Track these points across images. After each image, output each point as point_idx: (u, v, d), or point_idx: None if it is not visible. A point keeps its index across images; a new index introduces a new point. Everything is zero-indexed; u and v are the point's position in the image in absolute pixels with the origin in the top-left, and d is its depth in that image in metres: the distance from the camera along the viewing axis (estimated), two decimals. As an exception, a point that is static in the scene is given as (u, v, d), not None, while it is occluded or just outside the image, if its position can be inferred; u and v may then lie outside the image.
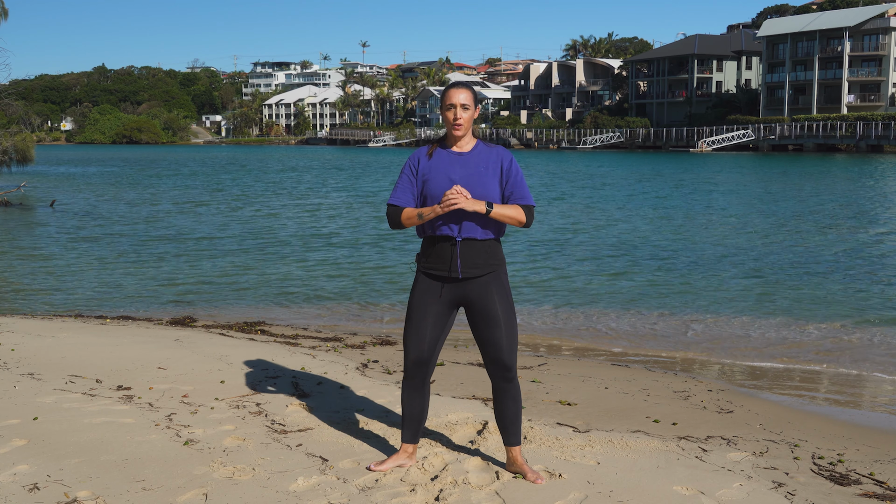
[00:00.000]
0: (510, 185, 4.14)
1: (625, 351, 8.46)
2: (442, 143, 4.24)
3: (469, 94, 4.13)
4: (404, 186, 4.17)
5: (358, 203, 29.17)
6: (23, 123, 38.49)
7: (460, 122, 4.10)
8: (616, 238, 18.28)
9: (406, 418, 4.32)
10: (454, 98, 4.09)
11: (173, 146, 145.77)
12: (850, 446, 5.18)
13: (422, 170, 4.16)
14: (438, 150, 4.20)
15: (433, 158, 4.17)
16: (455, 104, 4.09)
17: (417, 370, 4.22)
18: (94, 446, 4.61)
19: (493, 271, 4.15)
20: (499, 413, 4.27)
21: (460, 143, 4.19)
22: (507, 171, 4.15)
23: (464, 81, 4.22)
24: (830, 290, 11.80)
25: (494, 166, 4.14)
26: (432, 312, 4.19)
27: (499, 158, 4.17)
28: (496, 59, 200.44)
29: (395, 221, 4.17)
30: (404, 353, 4.24)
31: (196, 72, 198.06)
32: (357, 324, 9.76)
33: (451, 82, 4.24)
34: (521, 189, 4.15)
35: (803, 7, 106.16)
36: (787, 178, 40.50)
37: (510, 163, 4.17)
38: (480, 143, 4.23)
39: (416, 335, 4.18)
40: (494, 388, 4.24)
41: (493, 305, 4.14)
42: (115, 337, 7.93)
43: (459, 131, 4.12)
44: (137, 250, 16.71)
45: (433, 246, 4.16)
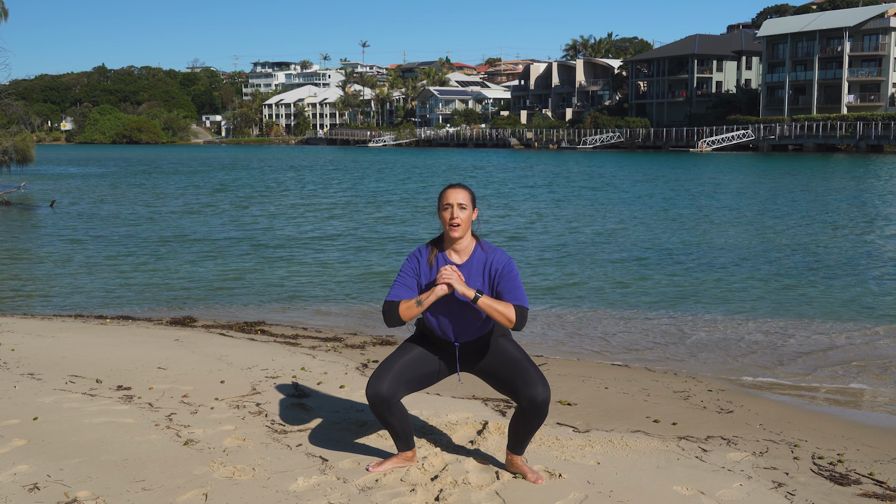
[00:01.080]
0: (503, 285, 4.05)
1: (625, 352, 8.46)
2: (440, 246, 4.18)
3: (467, 194, 4.08)
4: (403, 284, 4.11)
5: (360, 204, 29.16)
6: (23, 123, 38.46)
7: (457, 222, 4.04)
8: (622, 239, 18.28)
9: (392, 434, 4.29)
10: (451, 198, 4.05)
11: (173, 146, 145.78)
12: (850, 446, 5.18)
13: (422, 278, 4.14)
14: (438, 259, 4.14)
15: (434, 270, 4.12)
16: (452, 203, 4.04)
17: (374, 402, 4.08)
18: (94, 446, 4.60)
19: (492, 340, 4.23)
20: (517, 428, 4.17)
21: (458, 248, 4.13)
22: (500, 273, 4.07)
23: (461, 183, 4.18)
24: (834, 291, 11.80)
25: (489, 273, 4.09)
26: (418, 355, 4.20)
27: (495, 264, 4.10)
28: (496, 59, 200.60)
29: (393, 316, 4.06)
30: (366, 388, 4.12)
31: (196, 72, 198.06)
32: (357, 324, 9.76)
33: (449, 183, 4.19)
34: (515, 290, 4.05)
35: (803, 7, 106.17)
36: (793, 178, 40.49)
37: (504, 265, 4.08)
38: (478, 249, 4.15)
39: (382, 370, 4.13)
40: (524, 412, 4.06)
41: (503, 350, 4.16)
42: (115, 337, 7.93)
43: (456, 232, 4.05)
44: (137, 250, 16.70)
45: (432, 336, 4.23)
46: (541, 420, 4.07)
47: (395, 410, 4.13)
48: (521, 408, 4.07)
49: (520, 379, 4.03)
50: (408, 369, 4.15)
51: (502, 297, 4.05)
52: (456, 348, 4.17)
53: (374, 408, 4.10)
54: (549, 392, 4.00)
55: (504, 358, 4.14)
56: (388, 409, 4.10)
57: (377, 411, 4.12)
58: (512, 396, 4.10)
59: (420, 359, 4.21)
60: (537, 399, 3.98)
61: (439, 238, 4.21)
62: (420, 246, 4.25)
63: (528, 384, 4.00)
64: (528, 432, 4.16)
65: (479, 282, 4.09)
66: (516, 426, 4.16)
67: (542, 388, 3.98)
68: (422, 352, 4.23)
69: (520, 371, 4.06)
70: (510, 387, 4.08)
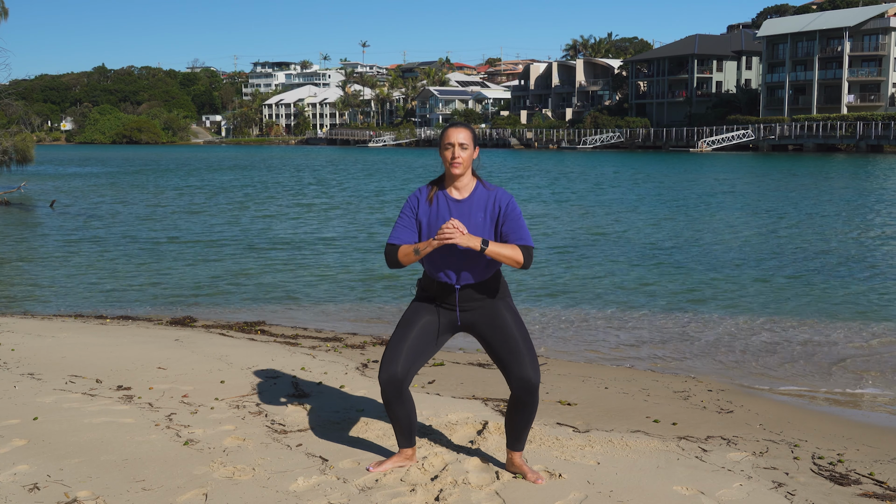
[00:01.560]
0: (507, 226, 4.08)
1: (625, 352, 8.46)
2: (441, 185, 4.20)
3: (468, 133, 4.09)
4: (404, 225, 4.14)
5: (361, 204, 29.16)
6: (23, 123, 38.46)
7: (459, 161, 4.06)
8: (622, 239, 18.28)
9: (395, 427, 4.29)
10: (452, 137, 4.06)
11: (173, 146, 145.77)
12: (850, 446, 5.18)
13: (421, 215, 4.14)
14: (438, 196, 4.16)
15: (433, 206, 4.14)
16: (454, 143, 4.06)
17: (389, 387, 4.11)
18: (94, 446, 4.60)
19: (494, 298, 4.19)
20: (512, 421, 4.21)
21: (459, 185, 4.14)
22: (504, 213, 4.09)
23: (462, 122, 4.19)
24: (835, 290, 11.80)
25: (492, 213, 4.10)
26: (420, 329, 4.17)
27: (497, 202, 4.11)
28: (496, 59, 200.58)
29: (392, 259, 4.12)
30: (379, 369, 4.16)
31: (196, 72, 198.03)
32: (357, 324, 9.76)
33: (450, 122, 4.21)
34: (520, 230, 4.08)
35: (803, 7, 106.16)
36: (794, 178, 40.49)
37: (507, 205, 4.10)
38: (480, 186, 4.17)
39: (392, 352, 4.13)
40: (514, 399, 4.13)
41: (504, 321, 4.13)
42: (115, 337, 7.93)
43: (457, 169, 4.07)
44: (137, 250, 16.70)
45: (432, 284, 4.19)
46: (532, 407, 4.10)
47: (406, 398, 4.16)
48: (512, 395, 4.12)
49: (512, 357, 4.07)
50: (414, 346, 4.15)
51: (507, 238, 4.07)
52: (456, 291, 4.13)
53: (387, 393, 4.11)
54: (538, 376, 4.05)
55: (501, 329, 4.13)
56: (400, 394, 4.12)
57: (389, 398, 4.13)
58: (502, 372, 4.14)
59: (422, 331, 4.18)
60: (525, 380, 4.03)
61: (440, 177, 4.23)
62: (420, 186, 4.27)
63: (519, 364, 4.04)
64: (524, 423, 4.18)
65: (480, 217, 4.09)
66: (511, 418, 4.20)
67: (532, 371, 4.04)
68: (423, 322, 4.19)
69: (513, 349, 4.07)
70: (502, 362, 4.11)
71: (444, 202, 4.13)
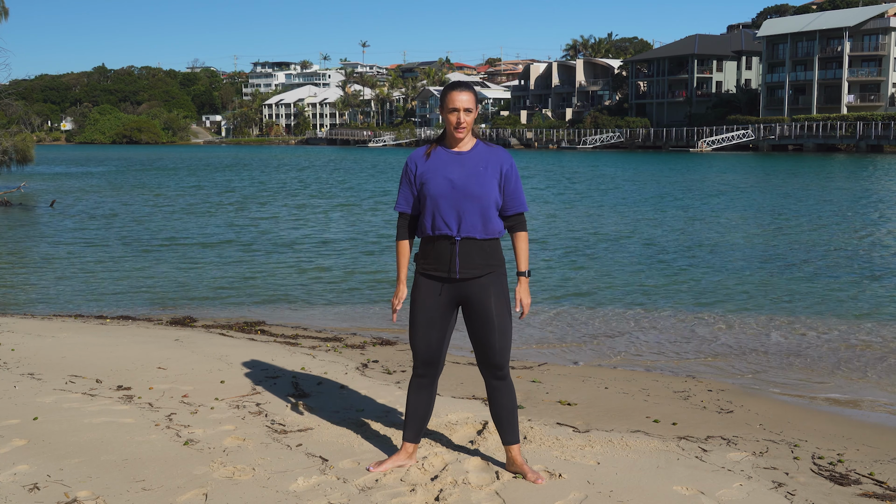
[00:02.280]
0: (509, 191, 4.15)
1: (625, 351, 8.46)
2: (441, 143, 4.22)
3: (471, 95, 4.11)
4: (403, 192, 4.22)
5: (360, 204, 29.16)
6: (23, 123, 38.49)
7: (464, 126, 4.08)
8: (623, 239, 18.28)
9: (410, 417, 4.31)
10: (457, 101, 4.06)
11: (173, 146, 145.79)
12: (850, 446, 5.18)
13: (420, 172, 4.16)
14: (437, 150, 4.19)
15: (431, 159, 4.16)
16: (458, 108, 4.06)
17: (427, 370, 4.24)
18: (94, 446, 4.60)
19: (492, 272, 4.15)
20: (494, 411, 4.28)
21: (461, 144, 4.19)
22: (506, 174, 4.14)
23: (464, 82, 4.16)
24: (836, 290, 11.80)
25: (494, 168, 4.13)
26: (435, 314, 4.19)
27: (499, 160, 4.15)
28: (496, 59, 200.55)
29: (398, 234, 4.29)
30: (413, 355, 4.25)
31: (196, 72, 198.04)
32: (357, 324, 9.76)
33: (452, 82, 4.19)
34: (519, 195, 4.19)
35: (803, 7, 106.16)
36: (795, 178, 40.48)
37: (510, 166, 4.17)
38: (480, 143, 4.21)
39: (424, 336, 4.19)
40: (488, 387, 4.27)
41: (488, 306, 4.14)
42: (115, 337, 7.93)
43: (462, 133, 4.11)
44: (138, 250, 16.70)
45: (432, 245, 4.16)
46: (506, 392, 4.22)
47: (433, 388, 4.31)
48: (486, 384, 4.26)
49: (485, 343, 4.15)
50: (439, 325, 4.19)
51: (506, 200, 4.15)
52: (456, 243, 4.11)
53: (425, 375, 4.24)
54: (504, 360, 4.16)
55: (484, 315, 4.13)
56: (434, 378, 4.26)
57: (422, 382, 4.25)
58: (475, 354, 4.24)
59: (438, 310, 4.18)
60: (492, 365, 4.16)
61: (441, 136, 4.24)
62: (420, 147, 4.30)
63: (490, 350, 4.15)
64: (507, 411, 4.24)
65: (481, 168, 4.11)
66: (494, 409, 4.28)
67: (499, 357, 4.15)
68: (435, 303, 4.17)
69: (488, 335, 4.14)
70: (476, 345, 4.20)
71: (444, 154, 4.17)
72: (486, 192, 4.07)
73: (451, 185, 4.07)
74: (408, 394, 4.33)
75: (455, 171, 4.09)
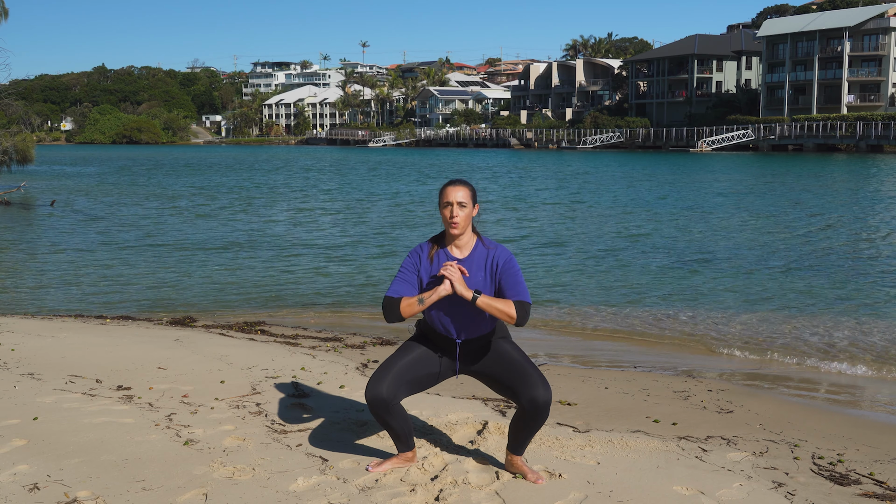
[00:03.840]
0: (505, 281, 4.06)
1: (626, 352, 8.46)
2: (441, 242, 4.19)
3: (467, 191, 4.08)
4: (405, 280, 4.12)
5: (361, 204, 29.16)
6: (23, 123, 38.51)
7: (457, 221, 4.05)
8: (622, 239, 18.28)
9: (392, 435, 4.29)
10: (451, 196, 4.05)
11: (173, 146, 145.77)
12: (850, 446, 5.18)
13: (423, 273, 4.14)
14: (438, 254, 4.15)
15: (434, 264, 4.13)
16: (452, 202, 4.04)
17: (373, 405, 4.07)
18: (94, 446, 4.60)
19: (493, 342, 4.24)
20: (517, 429, 4.17)
21: (459, 243, 4.14)
22: (501, 269, 4.08)
23: (461, 179, 4.16)
24: (836, 290, 11.80)
25: (491, 269, 4.10)
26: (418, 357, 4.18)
27: (495, 259, 4.10)
28: (496, 59, 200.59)
29: (393, 312, 4.07)
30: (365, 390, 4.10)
31: (196, 72, 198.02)
32: (357, 324, 9.76)
33: (449, 180, 4.17)
34: (516, 285, 4.06)
35: (803, 7, 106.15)
36: (795, 178, 40.48)
37: (505, 261, 4.09)
38: (479, 244, 4.16)
39: (382, 372, 4.09)
40: (527, 411, 4.04)
41: (503, 350, 4.17)
42: (115, 337, 7.93)
43: (456, 230, 4.07)
44: (138, 250, 16.70)
45: (433, 333, 4.21)
46: (542, 421, 4.07)
47: (395, 412, 4.12)
48: (521, 409, 4.06)
49: (520, 380, 4.03)
50: (408, 371, 4.14)
51: (504, 293, 4.05)
52: (457, 346, 4.16)
53: (373, 410, 4.09)
54: (550, 393, 3.99)
55: (505, 360, 4.13)
56: (387, 412, 4.09)
57: (376, 413, 4.11)
58: (513, 398, 4.09)
59: (420, 360, 4.19)
60: (538, 400, 3.97)
61: (441, 234, 4.21)
62: (422, 242, 4.26)
63: (529, 385, 3.99)
64: (529, 434, 4.16)
65: (481, 276, 4.09)
66: (517, 427, 4.16)
67: (542, 390, 3.97)
68: (422, 352, 4.22)
69: (520, 372, 4.05)
70: (511, 388, 4.07)
71: (445, 260, 4.12)
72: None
73: (451, 303, 4.08)
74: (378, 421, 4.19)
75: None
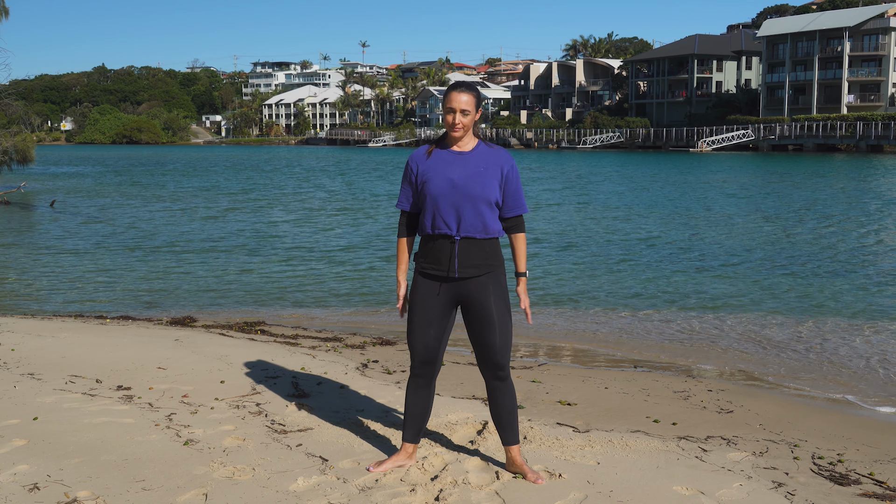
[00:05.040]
0: (509, 192, 4.16)
1: (625, 352, 8.46)
2: (441, 143, 4.24)
3: (470, 97, 4.10)
4: (404, 191, 4.26)
5: (361, 205, 29.16)
6: (23, 123, 38.50)
7: (459, 126, 4.10)
8: (623, 239, 18.28)
9: (409, 417, 4.31)
10: (454, 102, 4.08)
11: (173, 146, 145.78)
12: (850, 446, 5.18)
13: (421, 171, 4.17)
14: (437, 150, 4.20)
15: (432, 158, 4.17)
16: (455, 109, 4.08)
17: (425, 369, 4.24)
18: (94, 446, 4.60)
19: (491, 272, 4.15)
20: (494, 412, 4.28)
21: (460, 144, 4.19)
22: (507, 175, 4.16)
23: (466, 83, 4.18)
24: (837, 290, 11.80)
25: (494, 168, 4.14)
26: (433, 313, 4.19)
27: (499, 161, 4.17)
28: (496, 59, 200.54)
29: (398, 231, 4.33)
30: (411, 354, 4.25)
31: (196, 72, 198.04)
32: (357, 324, 9.76)
33: (454, 83, 4.20)
34: (519, 197, 4.20)
35: (803, 7, 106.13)
36: (796, 178, 40.48)
37: (511, 167, 4.18)
38: (482, 144, 4.22)
39: (422, 336, 4.20)
40: (488, 388, 4.27)
41: (489, 306, 4.14)
42: (115, 337, 7.93)
43: (458, 133, 4.13)
44: (138, 250, 16.70)
45: (432, 244, 4.16)
46: (507, 392, 4.22)
47: (432, 387, 4.31)
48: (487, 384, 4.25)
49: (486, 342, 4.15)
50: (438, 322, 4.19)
51: (506, 201, 4.16)
52: (456, 242, 4.12)
53: (422, 375, 4.25)
54: (505, 360, 4.16)
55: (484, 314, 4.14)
56: (432, 377, 4.27)
57: (420, 382, 4.26)
58: (476, 354, 4.25)
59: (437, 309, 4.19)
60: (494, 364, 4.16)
61: (442, 136, 4.27)
62: (422, 146, 4.33)
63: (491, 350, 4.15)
64: (507, 411, 4.25)
65: (482, 168, 4.12)
66: (494, 409, 4.28)
67: (500, 357, 4.15)
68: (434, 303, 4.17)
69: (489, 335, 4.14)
70: (476, 345, 4.20)
71: (445, 154, 4.18)
72: (486, 192, 4.08)
73: (451, 185, 4.08)
74: (406, 394, 4.33)
75: (455, 171, 4.10)
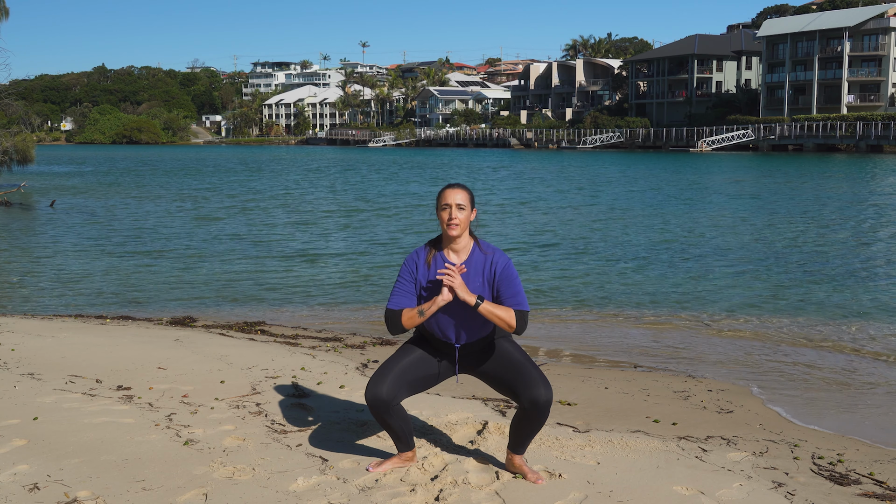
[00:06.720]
0: (503, 289, 4.05)
1: (626, 352, 8.45)
2: (438, 246, 4.18)
3: (465, 194, 4.08)
4: (403, 290, 4.12)
5: (362, 205, 29.16)
6: (23, 123, 38.44)
7: (455, 223, 4.04)
8: (623, 239, 18.28)
9: (393, 435, 4.28)
10: (449, 198, 4.05)
11: (173, 146, 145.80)
12: (850, 446, 5.18)
13: (420, 278, 4.13)
14: (436, 258, 4.14)
15: (432, 269, 4.12)
16: (450, 204, 4.04)
17: (373, 406, 4.08)
18: (94, 446, 4.60)
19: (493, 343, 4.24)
20: (518, 428, 4.17)
21: (456, 247, 4.13)
22: (499, 275, 4.06)
23: (459, 182, 4.18)
24: (837, 291, 11.80)
25: (489, 274, 4.09)
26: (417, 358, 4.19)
27: (493, 265, 4.09)
28: (496, 59, 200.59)
29: (395, 325, 4.10)
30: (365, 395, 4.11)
31: (196, 72, 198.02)
32: (357, 324, 9.76)
33: (447, 183, 4.17)
34: (516, 294, 4.05)
35: (803, 7, 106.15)
36: (795, 178, 40.47)
37: (504, 267, 4.07)
38: (477, 249, 4.15)
39: (382, 373, 4.10)
40: (527, 411, 4.05)
41: (503, 350, 4.16)
42: (115, 337, 7.93)
43: (454, 231, 4.05)
44: (138, 250, 16.70)
45: (432, 338, 4.21)
46: (542, 421, 4.07)
47: (395, 413, 4.12)
48: (522, 409, 4.06)
49: (521, 380, 4.03)
50: (408, 371, 4.14)
51: (502, 300, 4.05)
52: (456, 350, 4.17)
53: (373, 411, 4.10)
54: (550, 393, 3.99)
55: (505, 360, 4.14)
56: (387, 412, 4.09)
57: (376, 414, 4.11)
58: (513, 398, 4.10)
59: (420, 361, 4.20)
60: (539, 400, 3.97)
61: (437, 238, 4.21)
62: (418, 248, 4.25)
63: (530, 385, 3.99)
64: (530, 433, 4.17)
65: (479, 281, 4.08)
66: (518, 427, 4.16)
67: (544, 390, 3.98)
68: (422, 354, 4.22)
69: (521, 372, 4.05)
70: (511, 388, 4.07)
71: (443, 264, 4.10)
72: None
73: (449, 308, 4.08)
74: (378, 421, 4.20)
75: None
